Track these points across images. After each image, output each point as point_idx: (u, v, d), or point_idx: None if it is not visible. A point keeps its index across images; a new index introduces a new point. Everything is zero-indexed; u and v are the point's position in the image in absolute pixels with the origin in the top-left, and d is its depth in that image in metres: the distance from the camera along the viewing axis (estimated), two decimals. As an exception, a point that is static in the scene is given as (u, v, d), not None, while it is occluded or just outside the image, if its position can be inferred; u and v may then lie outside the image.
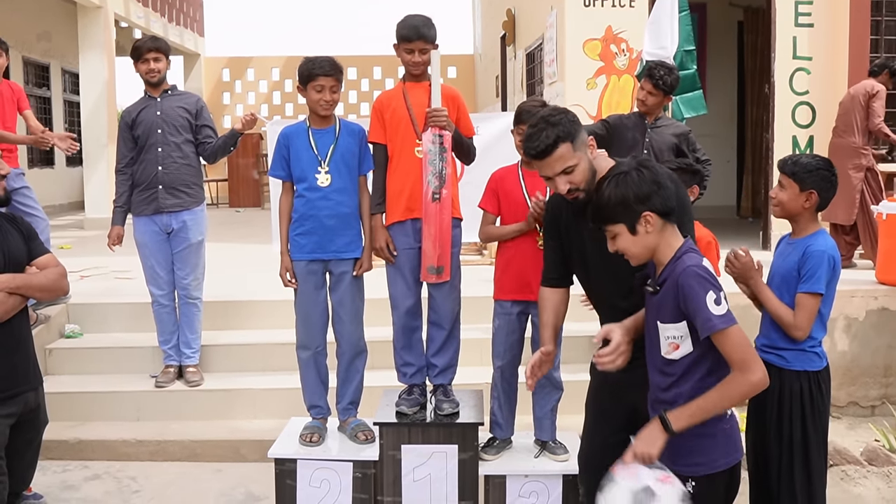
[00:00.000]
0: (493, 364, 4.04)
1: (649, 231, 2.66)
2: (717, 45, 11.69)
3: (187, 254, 5.44)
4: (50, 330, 5.96)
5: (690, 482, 2.67)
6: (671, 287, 2.64)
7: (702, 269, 2.60)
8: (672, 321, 2.66)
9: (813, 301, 3.26)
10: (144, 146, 5.35)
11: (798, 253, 3.32)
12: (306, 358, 4.10)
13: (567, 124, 2.99)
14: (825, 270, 3.25)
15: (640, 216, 2.64)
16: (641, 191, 2.63)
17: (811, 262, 3.25)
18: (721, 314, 2.54)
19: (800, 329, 3.28)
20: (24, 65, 14.31)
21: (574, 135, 2.99)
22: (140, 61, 5.34)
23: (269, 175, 4.56)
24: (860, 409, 5.92)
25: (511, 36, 12.66)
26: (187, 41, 16.66)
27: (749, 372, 2.54)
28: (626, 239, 2.69)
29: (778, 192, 3.36)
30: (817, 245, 3.28)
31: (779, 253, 3.47)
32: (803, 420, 3.32)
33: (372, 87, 18.24)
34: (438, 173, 3.86)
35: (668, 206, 2.66)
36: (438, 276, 3.93)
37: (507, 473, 3.92)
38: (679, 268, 2.63)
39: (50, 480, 4.75)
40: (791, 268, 3.32)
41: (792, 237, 3.42)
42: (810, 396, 3.32)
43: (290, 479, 3.96)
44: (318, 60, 3.99)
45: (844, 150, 7.09)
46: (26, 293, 3.25)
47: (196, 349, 5.60)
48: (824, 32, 8.22)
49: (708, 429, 2.65)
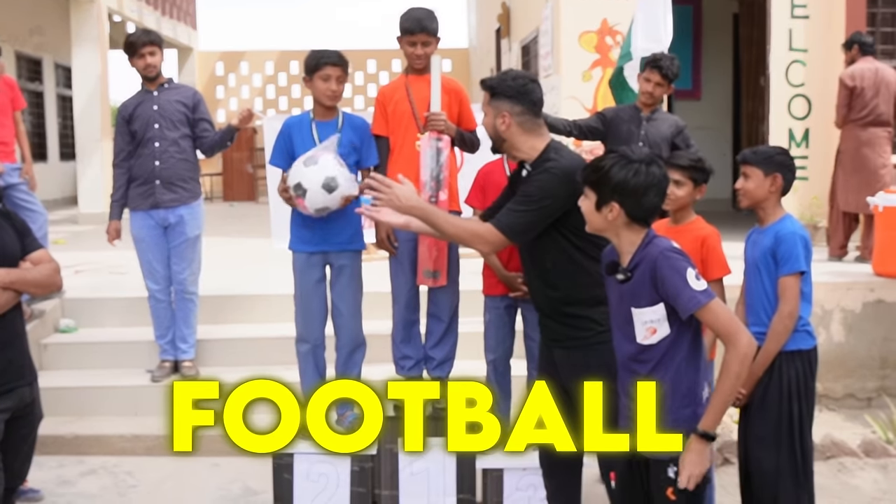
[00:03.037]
0: (485, 358, 4.05)
1: (609, 219, 2.73)
2: (713, 38, 11.68)
3: (184, 248, 5.41)
4: (45, 325, 5.93)
5: (672, 466, 2.70)
6: (646, 271, 2.68)
7: (675, 249, 2.68)
8: (648, 304, 2.70)
9: (795, 281, 3.35)
10: (141, 140, 5.32)
11: (769, 238, 3.41)
12: (305, 351, 4.10)
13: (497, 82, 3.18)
14: (801, 249, 3.35)
15: (609, 201, 2.71)
16: (627, 184, 2.68)
17: (785, 244, 3.35)
18: (702, 289, 2.61)
19: (792, 314, 3.35)
20: (16, 59, 14.23)
21: (494, 92, 3.17)
22: (136, 57, 5.30)
23: (270, 164, 4.55)
24: (857, 401, 5.92)
25: (506, 29, 12.64)
26: (181, 35, 16.60)
27: (737, 342, 2.61)
28: (589, 207, 2.77)
29: (743, 182, 3.48)
30: (786, 228, 3.40)
31: (751, 242, 3.57)
32: (799, 400, 3.39)
33: (367, 81, 18.21)
34: (435, 177, 3.87)
35: (636, 214, 2.72)
36: (435, 280, 3.94)
37: (504, 467, 3.92)
38: (653, 251, 2.69)
39: (46, 476, 4.73)
40: (764, 253, 3.41)
41: (760, 225, 3.52)
42: (804, 376, 3.41)
43: (288, 474, 3.96)
44: (326, 51, 4.02)
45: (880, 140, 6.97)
46: (20, 288, 3.26)
47: (192, 344, 5.58)
48: (820, 24, 8.21)
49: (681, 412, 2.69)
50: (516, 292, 3.90)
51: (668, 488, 2.71)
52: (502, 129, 3.20)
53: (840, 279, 6.14)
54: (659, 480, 2.75)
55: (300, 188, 3.79)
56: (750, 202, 3.49)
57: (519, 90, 3.19)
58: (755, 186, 3.44)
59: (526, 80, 3.25)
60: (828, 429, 5.25)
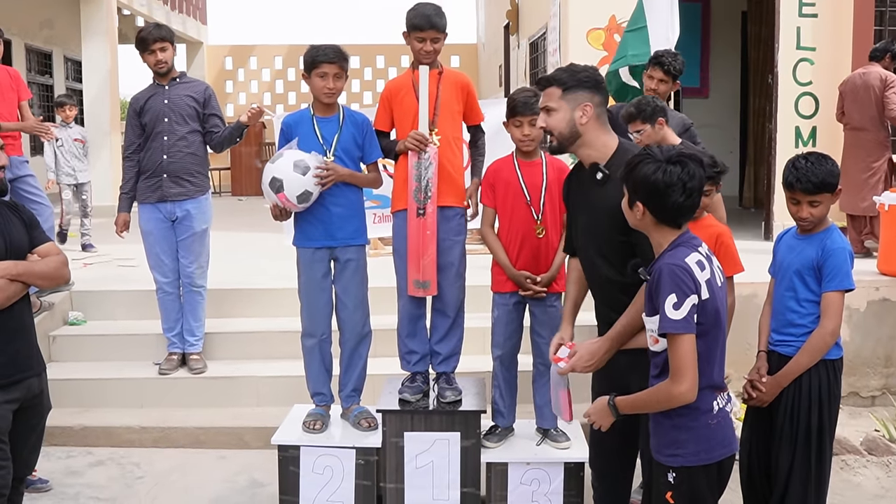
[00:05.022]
0: (492, 354, 4.06)
1: (638, 217, 2.73)
2: (721, 36, 11.66)
3: (191, 242, 5.45)
4: (53, 317, 5.98)
5: (671, 472, 2.72)
6: (652, 279, 2.68)
7: (678, 268, 2.61)
8: (650, 314, 2.71)
9: (841, 298, 3.27)
10: (151, 134, 5.35)
11: (814, 249, 3.29)
12: (311, 346, 4.12)
13: (569, 75, 3.12)
14: (849, 265, 3.26)
15: (635, 201, 2.71)
16: (647, 183, 2.65)
17: (833, 259, 3.24)
18: (677, 318, 2.57)
19: (835, 333, 3.28)
20: (26, 52, 14.29)
21: (569, 85, 3.09)
22: (147, 53, 5.33)
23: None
24: (860, 399, 5.93)
25: (514, 25, 12.64)
26: (190, 29, 16.62)
27: (676, 382, 2.60)
28: (625, 205, 2.78)
29: (812, 210, 3.26)
30: (836, 242, 3.28)
31: (787, 247, 3.43)
32: (820, 409, 3.34)
33: (375, 76, 18.20)
34: (423, 189, 3.88)
35: (660, 215, 2.69)
36: (425, 290, 3.95)
37: (509, 461, 3.95)
38: (660, 262, 2.67)
39: (54, 466, 4.78)
40: (807, 263, 3.30)
41: (801, 232, 3.37)
42: (828, 385, 3.34)
43: (294, 466, 3.99)
44: (322, 47, 3.99)
45: (868, 145, 7.13)
46: (27, 280, 3.27)
47: (200, 337, 5.62)
48: (828, 22, 8.19)
49: (687, 421, 2.68)
50: (526, 291, 3.91)
51: (667, 492, 2.72)
52: (582, 122, 3.08)
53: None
54: (659, 484, 2.77)
55: (275, 182, 3.82)
56: (814, 225, 3.31)
57: (596, 81, 3.11)
58: (827, 209, 3.30)
59: (595, 70, 3.17)
60: (831, 426, 5.25)
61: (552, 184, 3.88)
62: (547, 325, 3.94)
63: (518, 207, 3.91)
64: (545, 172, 3.92)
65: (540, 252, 3.90)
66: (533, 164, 3.95)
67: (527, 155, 3.95)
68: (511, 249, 3.94)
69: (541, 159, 3.95)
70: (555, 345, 3.25)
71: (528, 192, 3.88)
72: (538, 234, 3.88)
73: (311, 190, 3.86)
